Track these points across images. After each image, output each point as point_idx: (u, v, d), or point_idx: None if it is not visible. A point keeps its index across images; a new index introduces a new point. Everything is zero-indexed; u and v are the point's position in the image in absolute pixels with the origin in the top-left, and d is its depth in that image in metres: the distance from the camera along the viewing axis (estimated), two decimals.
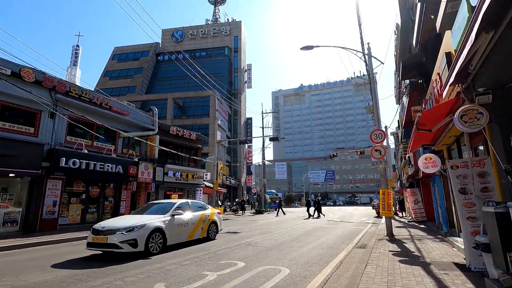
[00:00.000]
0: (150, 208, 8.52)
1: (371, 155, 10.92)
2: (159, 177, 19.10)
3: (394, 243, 8.54)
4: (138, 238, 6.77)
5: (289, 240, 10.18)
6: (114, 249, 6.70)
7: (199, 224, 9.07)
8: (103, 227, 7.05)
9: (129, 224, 6.98)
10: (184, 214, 8.53)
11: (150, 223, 7.26)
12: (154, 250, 7.18)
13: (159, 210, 8.21)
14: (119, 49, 45.22)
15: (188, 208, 9.02)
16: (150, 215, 7.92)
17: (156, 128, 19.22)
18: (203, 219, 9.35)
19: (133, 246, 6.74)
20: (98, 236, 6.89)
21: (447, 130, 6.64)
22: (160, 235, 7.43)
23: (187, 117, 34.11)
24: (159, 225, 7.44)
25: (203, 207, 9.89)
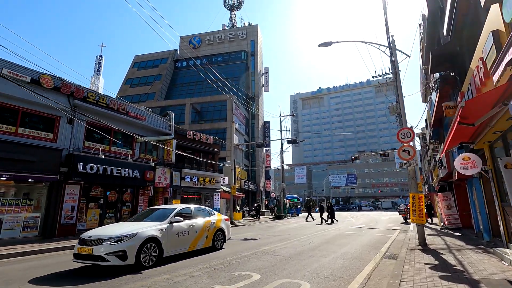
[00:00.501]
0: (151, 215, 7.84)
1: (399, 156, 9.99)
2: (176, 181, 18.94)
3: (429, 254, 7.59)
4: (127, 249, 5.98)
5: (310, 248, 9.44)
6: (100, 262, 5.89)
7: (202, 232, 8.30)
8: (89, 236, 6.33)
9: (118, 233, 6.19)
10: (185, 221, 7.79)
11: (142, 231, 6.48)
12: (147, 262, 6.39)
13: (157, 217, 7.52)
14: (139, 57, 46.50)
15: (190, 214, 8.28)
16: (146, 222, 7.24)
17: (173, 133, 19.15)
18: (208, 226, 8.57)
19: (122, 259, 5.94)
20: (84, 246, 6.15)
21: (492, 124, 5.74)
22: (155, 246, 6.65)
23: (205, 121, 34.16)
24: (153, 234, 6.65)
25: (208, 213, 9.15)
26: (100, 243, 6.01)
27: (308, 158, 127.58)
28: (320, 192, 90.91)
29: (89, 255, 5.96)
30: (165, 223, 7.17)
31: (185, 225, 7.70)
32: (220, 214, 9.71)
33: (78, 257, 6.18)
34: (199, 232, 8.11)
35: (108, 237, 6.06)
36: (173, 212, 7.60)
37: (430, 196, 28.90)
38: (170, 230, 7.18)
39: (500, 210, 7.08)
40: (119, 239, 6.05)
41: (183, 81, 42.94)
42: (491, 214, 8.71)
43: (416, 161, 9.80)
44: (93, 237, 6.22)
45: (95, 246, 5.98)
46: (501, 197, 7.10)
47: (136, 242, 6.16)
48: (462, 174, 10.19)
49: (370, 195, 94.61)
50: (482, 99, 4.33)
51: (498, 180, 7.19)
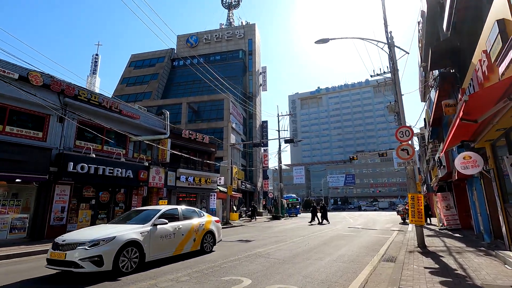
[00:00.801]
0: (135, 217, 7.41)
1: (397, 155, 9.71)
2: (171, 182, 18.60)
3: (428, 257, 7.31)
4: (104, 254, 5.53)
5: (305, 250, 9.14)
6: (73, 268, 5.42)
7: (190, 234, 7.85)
8: (63, 240, 5.85)
9: (94, 237, 5.73)
10: (171, 223, 7.37)
11: (122, 235, 6.00)
12: (126, 268, 5.93)
13: (140, 219, 7.09)
14: (136, 56, 46.10)
15: (176, 216, 7.86)
16: (129, 225, 6.83)
17: (168, 132, 18.82)
18: (196, 228, 8.15)
19: (98, 265, 5.49)
20: (56, 251, 5.67)
21: (495, 121, 5.45)
22: (136, 250, 6.20)
23: (202, 121, 33.80)
24: (134, 237, 6.18)
25: (197, 214, 8.72)
26: (74, 247, 5.58)
27: (306, 158, 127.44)
28: (318, 192, 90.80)
29: (62, 261, 5.53)
30: (148, 226, 6.76)
31: (170, 227, 7.31)
32: (210, 216, 9.36)
33: (51, 263, 5.75)
34: (186, 235, 7.74)
35: (84, 241, 5.64)
36: (157, 214, 7.19)
37: (428, 197, 28.66)
38: (154, 233, 6.76)
39: (502, 211, 6.80)
40: (95, 243, 5.61)
41: (180, 80, 42.56)
42: (492, 215, 8.44)
43: (415, 161, 9.52)
44: (67, 241, 5.79)
45: (69, 251, 5.54)
46: (504, 197, 6.82)
47: (114, 246, 5.74)
48: (462, 174, 9.92)
49: (368, 195, 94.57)
50: (487, 93, 4.04)
51: (501, 180, 6.91)
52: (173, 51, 45.93)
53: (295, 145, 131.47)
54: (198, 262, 7.36)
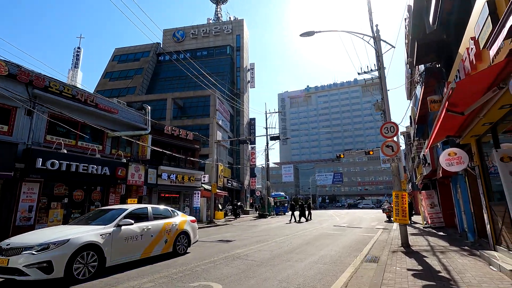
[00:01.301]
0: (100, 217, 6.79)
1: (382, 151, 9.41)
2: (151, 179, 17.87)
3: (412, 257, 7.01)
4: (54, 260, 4.90)
5: (287, 251, 8.73)
6: (17, 276, 4.79)
7: (160, 235, 7.29)
8: (8, 244, 5.20)
9: (44, 240, 5.10)
10: (138, 223, 6.80)
11: (77, 237, 5.38)
12: (83, 275, 5.32)
13: (104, 220, 6.49)
14: (120, 50, 44.64)
15: (145, 215, 7.28)
16: (90, 226, 6.22)
17: (148, 128, 18.07)
18: (168, 229, 7.59)
19: (46, 271, 4.84)
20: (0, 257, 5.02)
21: (482, 114, 5.13)
22: (94, 254, 5.60)
23: (187, 117, 32.95)
24: (92, 240, 5.57)
25: (169, 214, 8.15)
26: (19, 252, 4.93)
27: (295, 157, 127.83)
28: (306, 191, 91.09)
29: (4, 268, 4.86)
30: (111, 227, 6.14)
31: (137, 228, 6.70)
32: (184, 215, 8.81)
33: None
34: (156, 236, 7.16)
35: (31, 245, 4.99)
36: (122, 214, 6.57)
37: (413, 195, 28.89)
38: (117, 234, 6.15)
39: (487, 209, 6.56)
40: (44, 247, 4.96)
41: (166, 76, 41.46)
42: (476, 214, 8.24)
43: (400, 158, 9.25)
44: (12, 245, 5.12)
45: (13, 257, 4.87)
46: (489, 195, 6.58)
47: (67, 250, 5.11)
48: (447, 171, 9.72)
49: (356, 193, 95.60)
50: (475, 80, 3.68)
51: (486, 177, 6.66)
52: (159, 46, 44.70)
53: (284, 144, 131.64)
54: (169, 265, 6.82)
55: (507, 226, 5.54)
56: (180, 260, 7.35)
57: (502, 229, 5.82)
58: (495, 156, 3.70)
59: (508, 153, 3.61)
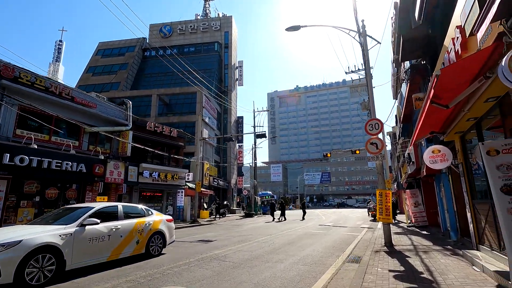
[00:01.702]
0: (64, 216, 6.23)
1: (367, 149, 9.20)
2: (132, 177, 17.20)
3: (394, 258, 6.79)
4: (1, 264, 4.40)
5: (268, 251, 8.39)
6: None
7: (131, 236, 6.79)
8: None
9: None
10: (105, 223, 6.29)
11: (31, 238, 4.84)
12: (37, 280, 4.79)
13: (67, 219, 5.95)
14: (104, 44, 43.23)
15: (115, 214, 6.76)
16: (50, 225, 5.67)
17: (129, 123, 17.39)
18: (140, 229, 7.09)
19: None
20: None
21: (466, 108, 4.92)
22: (52, 257, 5.07)
23: (173, 114, 32.17)
24: (49, 241, 5.04)
25: (143, 213, 7.66)
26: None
27: (284, 156, 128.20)
28: (294, 190, 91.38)
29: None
30: (72, 227, 5.62)
31: (104, 228, 6.19)
32: (160, 214, 8.33)
33: None
34: (126, 236, 6.66)
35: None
36: (87, 213, 6.05)
37: (398, 194, 29.17)
38: (80, 235, 5.63)
39: (470, 208, 6.40)
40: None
41: (152, 71, 40.43)
42: (459, 212, 8.13)
43: (384, 155, 9.06)
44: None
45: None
46: (472, 194, 6.42)
47: (18, 252, 4.57)
48: (430, 169, 9.61)
49: (343, 192, 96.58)
50: (461, 66, 3.42)
51: (469, 175, 6.51)
52: (144, 41, 43.55)
53: (273, 143, 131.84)
54: (140, 268, 6.35)
55: (490, 225, 5.36)
56: (153, 262, 6.89)
57: (485, 228, 5.65)
58: (480, 150, 3.46)
59: (494, 146, 3.38)
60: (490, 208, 5.28)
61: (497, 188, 3.27)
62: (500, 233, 4.96)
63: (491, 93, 4.13)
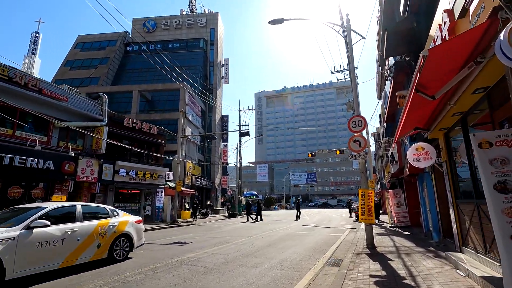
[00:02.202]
0: (12, 217, 5.46)
1: (349, 147, 8.87)
2: (107, 176, 16.27)
3: (376, 261, 6.43)
4: None
5: (245, 254, 7.89)
6: None
7: (91, 239, 6.12)
8: None
9: None
10: (59, 225, 5.61)
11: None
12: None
13: (15, 221, 5.20)
14: (84, 37, 41.42)
15: (72, 215, 6.06)
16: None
17: (105, 119, 16.45)
18: (102, 231, 6.41)
19: None
20: None
21: (453, 101, 4.58)
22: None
23: (156, 111, 31.11)
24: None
25: (106, 213, 6.95)
26: None
27: (271, 156, 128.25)
28: (280, 190, 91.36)
29: None
30: (16, 230, 4.91)
31: (57, 231, 5.49)
32: (127, 214, 7.66)
33: None
34: (84, 240, 5.97)
35: None
36: (37, 214, 5.34)
37: (381, 194, 29.36)
38: (25, 239, 4.93)
39: (454, 208, 6.12)
40: None
41: (134, 67, 39.07)
42: (442, 212, 7.90)
43: (368, 154, 8.75)
44: None
45: None
46: (456, 193, 6.15)
47: None
48: (414, 169, 9.39)
49: (328, 193, 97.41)
50: (450, 48, 3.03)
51: (453, 174, 6.23)
52: (127, 35, 42.06)
53: (259, 143, 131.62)
54: (98, 275, 5.69)
55: (475, 226, 5.06)
56: (115, 268, 6.23)
57: (470, 230, 5.36)
58: (472, 142, 3.09)
59: (487, 138, 3.01)
60: (475, 209, 4.98)
61: (490, 185, 2.90)
62: (486, 235, 4.67)
63: (480, 83, 3.79)
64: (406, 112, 4.70)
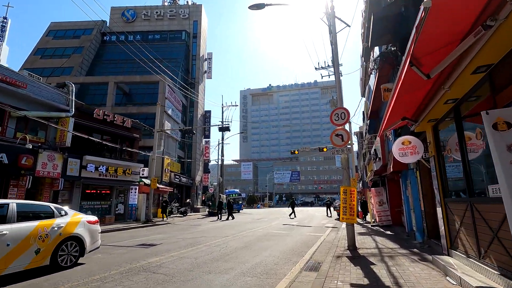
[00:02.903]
0: None
1: (332, 141, 8.25)
2: (72, 171, 14.97)
3: (357, 265, 5.82)
4: None
5: (216, 258, 7.11)
6: None
7: (26, 244, 5.17)
8: None
9: None
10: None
11: None
12: None
13: None
14: (57, 25, 38.87)
15: (3, 216, 5.12)
16: None
17: (71, 109, 15.12)
18: (43, 234, 5.48)
19: None
20: None
21: (448, 84, 3.98)
22: None
23: (133, 105, 29.57)
24: None
25: (50, 213, 5.95)
26: None
27: (255, 154, 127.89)
28: (264, 188, 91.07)
29: None
30: None
31: None
32: (78, 213, 6.68)
33: None
34: (18, 245, 4.98)
35: None
36: None
37: (363, 193, 29.33)
38: None
39: (442, 207, 5.59)
40: None
41: (111, 58, 37.08)
42: (427, 212, 7.42)
43: (350, 149, 8.15)
44: None
45: None
46: (444, 191, 5.62)
47: None
48: (398, 165, 8.90)
49: (311, 191, 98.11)
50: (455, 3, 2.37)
51: (442, 170, 5.70)
52: (104, 24, 39.89)
53: (244, 141, 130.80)
54: (36, 285, 4.74)
55: (468, 228, 4.52)
56: (55, 278, 5.27)
57: (460, 231, 4.82)
58: (485, 122, 2.48)
59: (505, 117, 2.38)
60: (469, 208, 4.43)
61: (508, 178, 2.27)
62: (481, 238, 4.11)
63: (483, 60, 3.18)
64: (395, 95, 4.06)
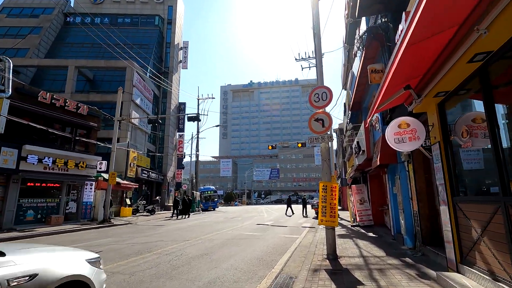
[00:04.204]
0: None
1: (310, 128, 6.82)
2: (7, 163, 12.59)
3: (339, 285, 4.40)
4: None
5: (160, 273, 5.49)
6: None
7: None
8: None
9: None
10: None
11: None
12: None
13: None
14: (12, 1, 34.86)
15: None
16: None
17: (8, 90, 12.66)
18: None
19: None
20: None
21: (485, 23, 2.57)
22: None
23: (97, 92, 26.85)
24: None
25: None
26: None
27: (235, 151, 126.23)
28: (243, 185, 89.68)
29: None
30: None
31: None
32: None
33: None
34: None
35: None
36: None
37: (342, 190, 28.52)
38: None
39: (450, 208, 4.29)
40: None
41: (75, 41, 33.75)
42: (421, 213, 6.17)
43: (331, 136, 6.77)
44: None
45: None
46: (453, 188, 4.30)
47: None
48: (386, 157, 7.64)
49: (290, 189, 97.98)
50: None
51: (449, 161, 4.38)
52: (68, 4, 36.35)
53: (224, 138, 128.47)
54: None
55: (496, 238, 3.19)
56: None
57: (482, 242, 3.50)
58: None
59: None
60: (500, 212, 3.10)
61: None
62: None
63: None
64: (405, 42, 2.59)
